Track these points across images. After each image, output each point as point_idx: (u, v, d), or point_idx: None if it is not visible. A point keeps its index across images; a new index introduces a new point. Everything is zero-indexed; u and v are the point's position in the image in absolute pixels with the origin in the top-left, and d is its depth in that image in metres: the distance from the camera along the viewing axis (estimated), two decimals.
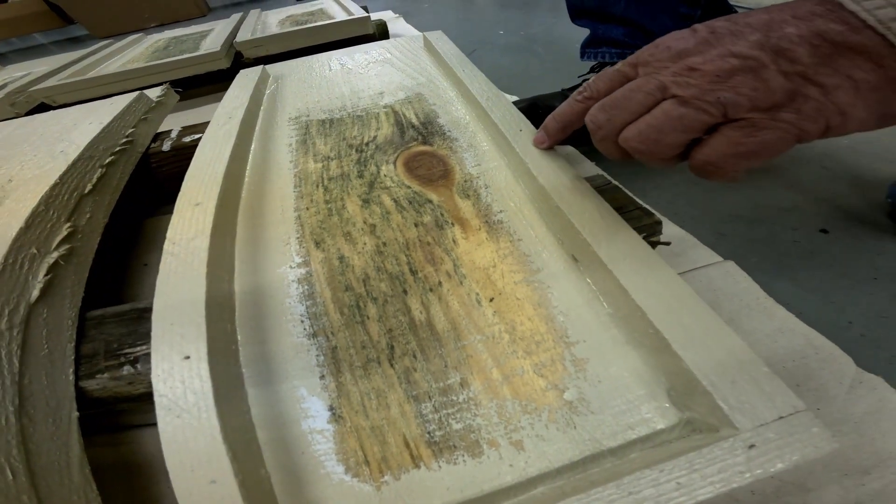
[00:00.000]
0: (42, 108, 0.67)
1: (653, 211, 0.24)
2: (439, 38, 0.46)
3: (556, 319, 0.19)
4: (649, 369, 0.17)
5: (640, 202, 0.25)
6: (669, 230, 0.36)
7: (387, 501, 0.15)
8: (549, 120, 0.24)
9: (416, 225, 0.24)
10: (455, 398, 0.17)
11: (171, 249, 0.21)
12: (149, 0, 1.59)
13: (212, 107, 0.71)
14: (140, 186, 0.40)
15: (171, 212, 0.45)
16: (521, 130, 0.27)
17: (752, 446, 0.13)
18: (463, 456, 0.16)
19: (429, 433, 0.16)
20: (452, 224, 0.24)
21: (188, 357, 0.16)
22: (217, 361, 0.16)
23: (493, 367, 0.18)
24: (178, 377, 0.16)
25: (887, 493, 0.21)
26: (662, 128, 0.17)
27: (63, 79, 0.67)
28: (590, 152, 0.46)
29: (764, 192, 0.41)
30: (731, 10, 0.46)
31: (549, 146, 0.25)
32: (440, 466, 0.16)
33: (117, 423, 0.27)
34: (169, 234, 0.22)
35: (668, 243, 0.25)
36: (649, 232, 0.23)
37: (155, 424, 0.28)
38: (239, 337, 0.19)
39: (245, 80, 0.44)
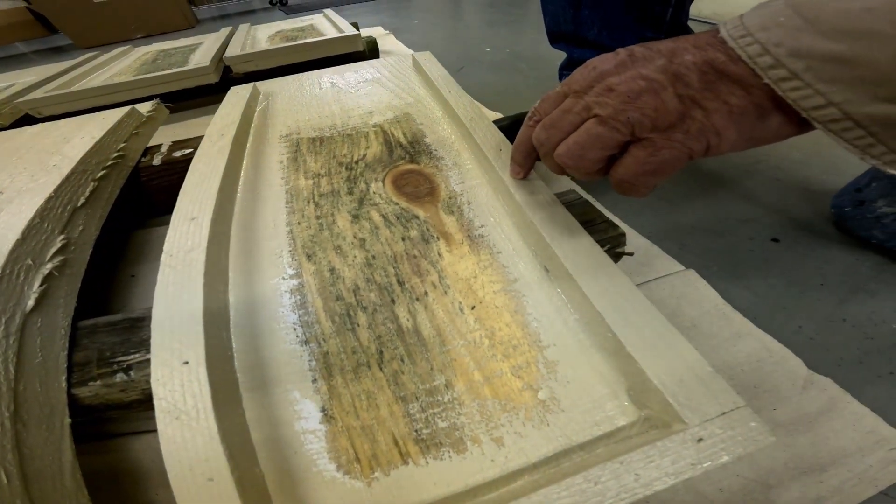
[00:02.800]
0: (26, 119, 0.66)
1: (618, 223, 0.27)
2: (427, 59, 0.48)
3: (530, 325, 0.21)
4: (611, 370, 0.19)
5: (607, 215, 0.27)
6: (636, 241, 0.38)
7: (377, 497, 0.16)
8: (513, 151, 0.26)
9: (403, 239, 0.26)
10: (440, 398, 0.19)
11: (169, 262, 0.22)
12: (136, 11, 1.59)
13: (200, 120, 0.72)
14: (129, 199, 0.40)
15: (157, 224, 0.46)
16: (501, 150, 0.29)
17: (700, 440, 0.15)
18: (448, 452, 0.17)
19: (416, 431, 0.18)
20: (437, 238, 0.26)
21: (187, 362, 0.17)
22: (214, 366, 0.17)
23: (475, 369, 0.19)
24: (177, 381, 0.17)
25: (845, 489, 0.22)
26: (585, 145, 0.20)
27: (49, 91, 0.66)
28: None
29: (722, 204, 0.44)
30: (690, 33, 0.50)
31: (524, 175, 0.27)
32: (427, 462, 0.17)
33: (105, 431, 0.28)
34: (166, 246, 0.23)
35: (631, 253, 0.27)
36: (614, 243, 0.25)
37: (143, 432, 0.28)
38: (234, 344, 0.20)
39: (236, 97, 0.45)
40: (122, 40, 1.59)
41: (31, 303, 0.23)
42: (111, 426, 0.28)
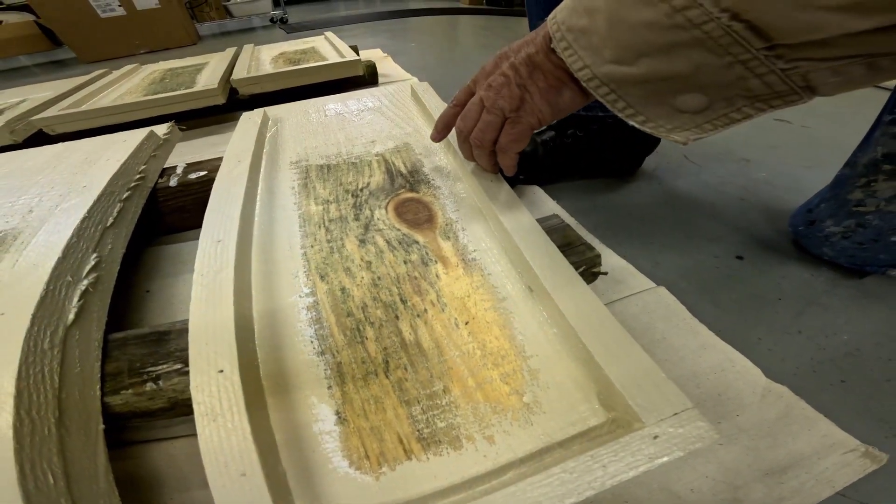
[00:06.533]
0: (40, 134, 0.68)
1: (594, 246, 0.30)
2: (425, 90, 0.52)
3: (516, 338, 0.24)
4: (583, 377, 0.22)
5: (587, 238, 0.31)
6: (612, 260, 0.41)
7: (385, 489, 0.18)
8: (438, 121, 0.33)
9: (405, 262, 0.29)
10: (439, 402, 0.21)
11: (201, 280, 0.25)
12: (140, 27, 1.63)
13: (206, 140, 0.75)
14: (144, 218, 0.42)
15: (168, 242, 0.48)
16: (492, 181, 0.33)
17: (656, 437, 0.17)
18: (447, 449, 0.19)
19: (418, 431, 0.20)
20: (436, 261, 0.29)
21: (222, 371, 0.20)
22: (245, 374, 0.20)
23: (469, 376, 0.22)
24: (213, 387, 0.19)
25: (805, 490, 0.24)
26: (484, 129, 0.28)
27: (63, 109, 0.69)
28: (552, 190, 0.53)
29: (692, 224, 0.47)
30: None
31: (440, 140, 0.34)
32: (428, 458, 0.19)
33: (124, 438, 0.29)
34: (197, 266, 0.26)
35: (605, 273, 0.31)
36: (590, 264, 0.29)
37: (160, 440, 0.30)
38: (259, 354, 0.23)
39: (248, 123, 0.48)
40: (125, 55, 1.62)
41: (71, 317, 0.26)
42: (129, 434, 0.30)
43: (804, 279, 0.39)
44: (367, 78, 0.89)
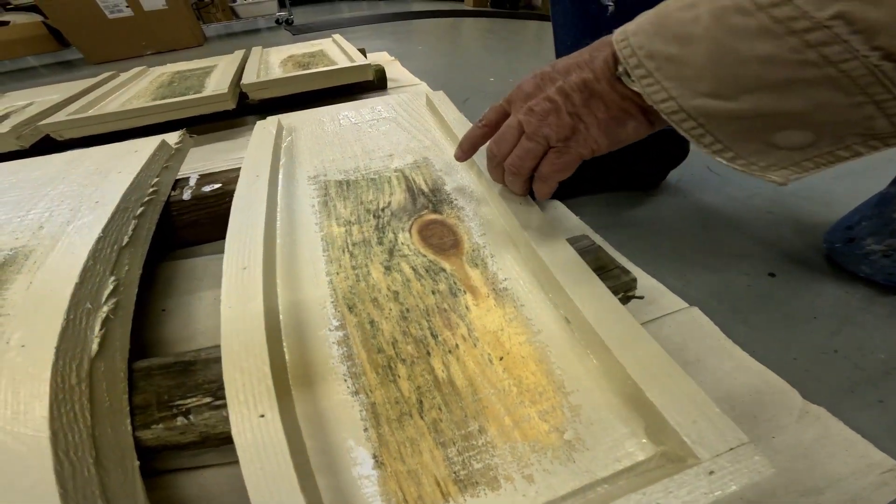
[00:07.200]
0: (47, 139, 0.67)
1: (629, 270, 0.29)
2: (441, 100, 0.50)
3: (554, 373, 0.23)
4: (630, 412, 0.21)
5: (618, 262, 0.29)
6: (643, 280, 0.40)
7: None
8: (463, 140, 0.32)
9: (433, 293, 0.28)
10: (475, 443, 0.21)
11: (229, 313, 0.24)
12: (147, 28, 1.62)
13: (214, 146, 0.74)
14: (158, 233, 0.41)
15: (182, 257, 0.47)
16: (521, 204, 0.32)
17: (711, 472, 0.17)
18: (484, 490, 0.19)
19: (455, 473, 0.20)
20: (464, 292, 0.28)
21: (263, 416, 0.19)
22: (285, 418, 0.20)
23: (505, 415, 0.22)
24: (256, 433, 0.19)
25: None
26: (523, 156, 0.26)
27: (71, 114, 0.68)
28: (573, 205, 0.52)
29: (721, 239, 0.46)
30: None
31: (465, 160, 0.33)
32: (466, 501, 0.19)
33: (152, 468, 0.29)
34: (224, 297, 0.25)
35: (641, 297, 0.30)
36: (626, 288, 0.28)
37: (189, 469, 0.29)
38: (294, 394, 0.22)
39: (264, 132, 0.47)
40: (132, 56, 1.62)
41: (94, 347, 0.25)
42: (158, 463, 0.29)
43: (839, 297, 0.38)
44: (376, 83, 0.88)
